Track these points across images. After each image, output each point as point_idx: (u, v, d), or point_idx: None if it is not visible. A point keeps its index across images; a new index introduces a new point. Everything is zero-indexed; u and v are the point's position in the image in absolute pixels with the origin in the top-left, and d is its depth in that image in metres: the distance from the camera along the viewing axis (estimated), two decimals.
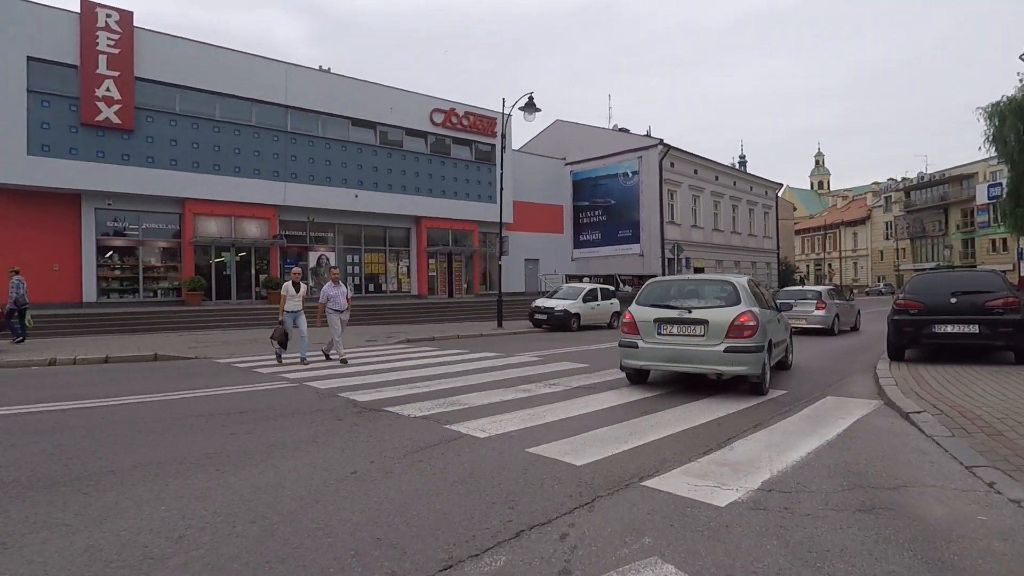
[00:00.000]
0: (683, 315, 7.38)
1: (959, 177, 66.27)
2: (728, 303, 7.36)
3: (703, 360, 7.21)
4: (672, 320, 7.44)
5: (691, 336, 7.29)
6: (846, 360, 11.12)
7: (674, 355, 7.37)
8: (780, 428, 5.56)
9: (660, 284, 8.30)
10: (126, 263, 21.20)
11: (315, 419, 5.84)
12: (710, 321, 7.19)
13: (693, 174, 34.67)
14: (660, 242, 31.36)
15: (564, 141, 35.52)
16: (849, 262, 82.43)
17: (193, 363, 10.63)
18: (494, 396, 7.15)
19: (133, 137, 20.28)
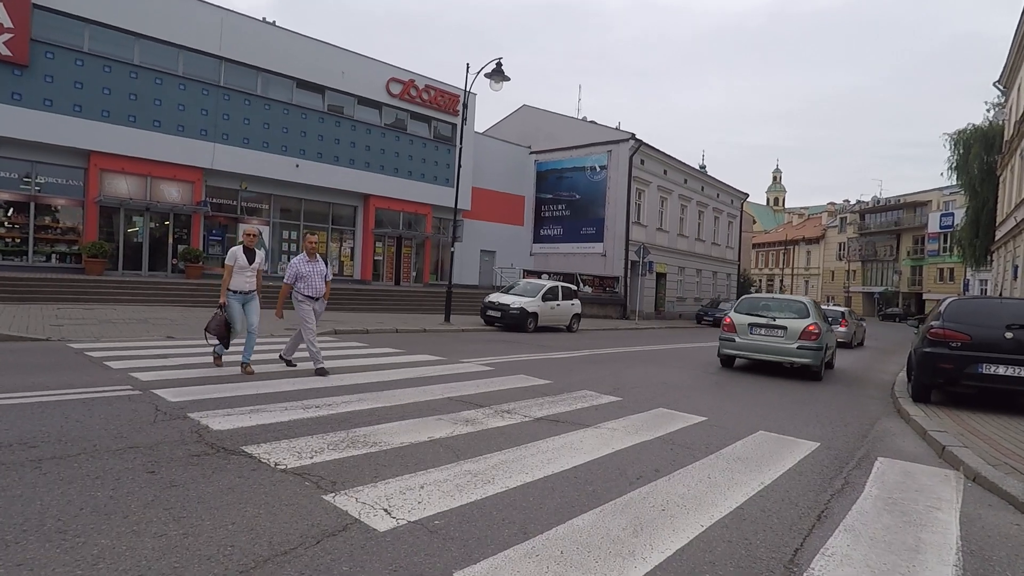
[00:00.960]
0: (769, 322, 10.68)
1: (913, 204, 67.42)
2: (801, 316, 10.66)
3: (781, 353, 10.52)
4: (761, 324, 10.74)
5: (774, 336, 10.62)
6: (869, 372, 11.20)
7: (760, 348, 10.72)
8: (863, 531, 3.57)
9: (752, 299, 11.84)
10: (14, 221, 17.98)
11: (113, 466, 3.54)
12: (788, 327, 10.47)
13: (663, 174, 33.09)
14: (625, 243, 29.60)
15: (531, 128, 33.33)
16: (801, 279, 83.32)
17: (32, 347, 8.01)
18: (421, 428, 4.98)
19: (27, 74, 17.10)
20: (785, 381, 10.25)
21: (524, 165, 32.96)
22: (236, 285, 7.12)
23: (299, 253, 7.69)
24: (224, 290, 7.05)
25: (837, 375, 11.89)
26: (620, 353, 13.00)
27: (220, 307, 7.05)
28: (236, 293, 7.12)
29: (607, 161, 30.37)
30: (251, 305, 7.28)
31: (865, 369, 13.65)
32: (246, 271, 7.17)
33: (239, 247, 7.21)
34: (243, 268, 7.13)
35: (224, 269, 7.14)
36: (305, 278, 7.56)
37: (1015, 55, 25.84)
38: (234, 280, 7.09)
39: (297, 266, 7.56)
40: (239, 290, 7.14)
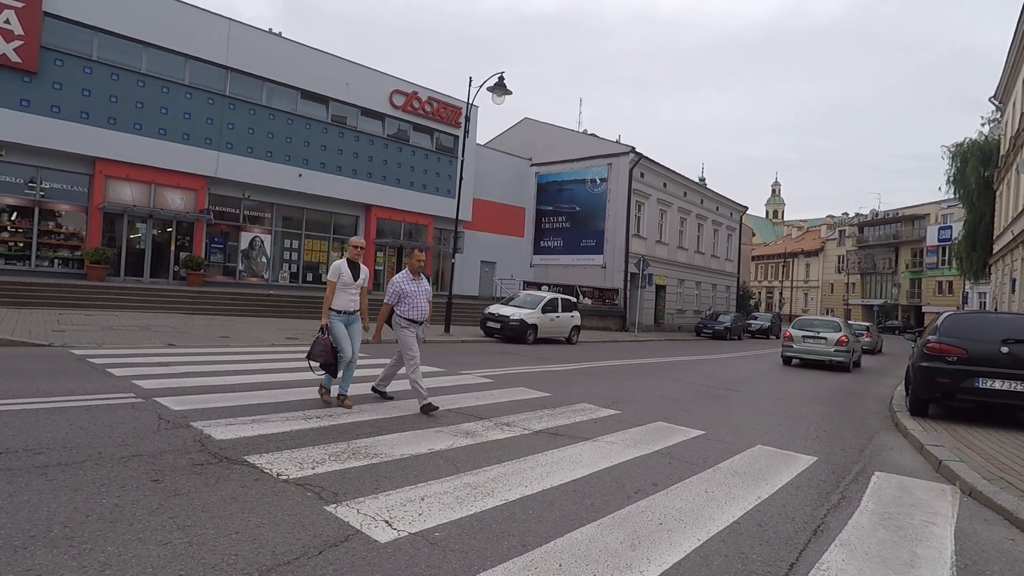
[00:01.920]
0: (815, 334, 16.20)
1: (912, 217, 67.65)
2: (836, 330, 16.27)
3: (823, 354, 15.92)
4: (810, 336, 16.21)
5: (818, 344, 16.00)
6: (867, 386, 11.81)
7: (810, 351, 16.12)
8: (858, 546, 3.62)
9: (803, 319, 17.92)
10: (18, 226, 18.07)
11: (118, 474, 3.59)
12: (828, 338, 15.99)
13: (662, 187, 33.25)
14: (624, 255, 29.70)
15: (532, 141, 33.54)
16: (800, 292, 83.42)
17: (35, 352, 8.06)
18: (421, 440, 5.02)
19: (36, 81, 17.27)
20: (785, 395, 10.30)
21: (525, 177, 33.13)
22: (339, 304, 6.15)
23: (404, 270, 6.66)
24: (326, 310, 6.13)
25: (835, 389, 11.92)
26: (619, 366, 13.04)
27: (322, 330, 6.08)
28: (339, 313, 6.17)
29: (607, 174, 30.53)
30: (354, 328, 6.33)
31: (861, 383, 13.69)
32: (350, 288, 6.21)
33: (343, 261, 6.24)
34: (347, 285, 6.17)
35: (327, 286, 6.17)
36: (409, 299, 6.45)
37: (1010, 71, 26.07)
38: (337, 298, 6.14)
39: (401, 285, 6.46)
40: (342, 310, 6.18)
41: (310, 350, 6.08)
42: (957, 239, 42.47)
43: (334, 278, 6.14)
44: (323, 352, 5.98)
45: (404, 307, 6.44)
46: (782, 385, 11.89)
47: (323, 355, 5.98)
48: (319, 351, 5.99)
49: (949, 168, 37.55)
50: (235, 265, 22.18)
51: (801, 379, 13.46)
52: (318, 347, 6.00)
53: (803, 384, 12.44)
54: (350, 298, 6.24)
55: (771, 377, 13.37)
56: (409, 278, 6.53)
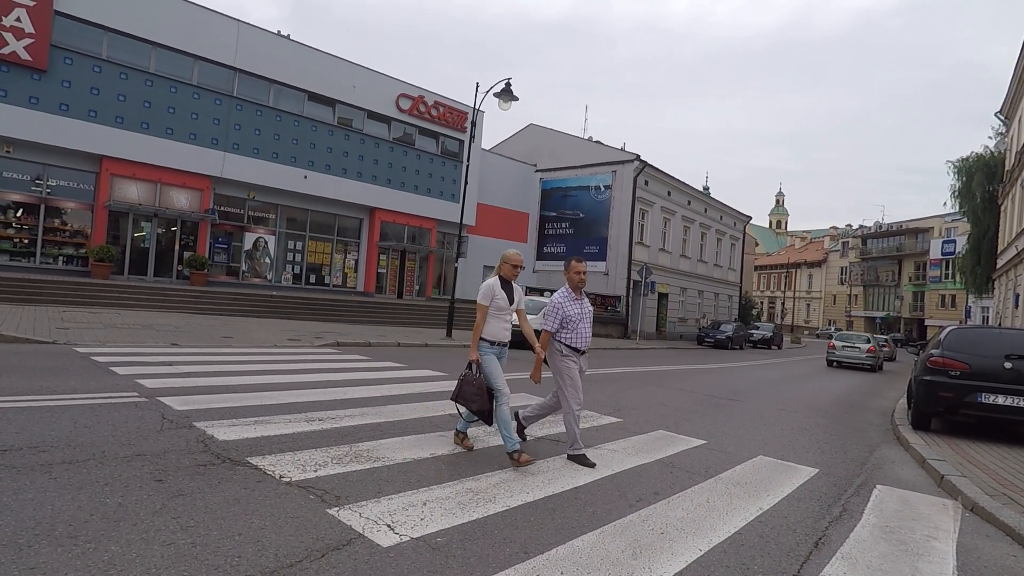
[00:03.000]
0: (852, 345, 23.62)
1: (915, 230, 67.55)
2: (866, 342, 23.70)
3: (857, 359, 23.01)
4: (848, 346, 23.60)
5: (854, 351, 23.29)
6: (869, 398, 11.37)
7: (848, 356, 23.22)
8: (860, 559, 3.61)
9: (843, 334, 26.43)
10: (23, 222, 18.14)
11: (122, 473, 3.60)
12: (860, 347, 23.36)
13: (666, 195, 33.28)
14: (628, 262, 29.71)
15: (536, 147, 33.62)
16: (802, 303, 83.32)
17: (39, 350, 8.09)
18: (423, 445, 5.03)
19: (45, 79, 17.36)
20: (787, 406, 10.28)
21: (529, 182, 33.19)
22: (493, 333, 4.98)
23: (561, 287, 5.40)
24: (475, 341, 4.94)
25: (836, 401, 11.89)
26: (621, 374, 13.03)
27: (471, 366, 4.94)
28: (492, 345, 4.98)
29: (611, 181, 30.58)
30: (503, 361, 5.13)
31: (863, 394, 13.67)
32: (505, 313, 5.04)
33: (495, 280, 5.06)
34: (502, 310, 5.00)
35: (477, 312, 4.97)
36: (573, 323, 5.19)
37: (1016, 87, 26.08)
38: (490, 326, 4.96)
39: (563, 306, 5.20)
40: (496, 340, 4.99)
41: (457, 391, 4.93)
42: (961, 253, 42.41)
43: (485, 301, 4.93)
44: (477, 395, 4.78)
45: (567, 333, 5.20)
46: (784, 396, 11.88)
47: (478, 399, 4.77)
48: (472, 394, 4.81)
49: (954, 182, 37.59)
50: (238, 265, 22.22)
51: (804, 390, 13.46)
52: (470, 389, 4.84)
53: (805, 395, 12.43)
54: (504, 325, 5.05)
55: (773, 387, 13.36)
56: (571, 297, 5.27)
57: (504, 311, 5.04)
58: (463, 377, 4.94)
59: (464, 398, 4.88)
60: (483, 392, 4.79)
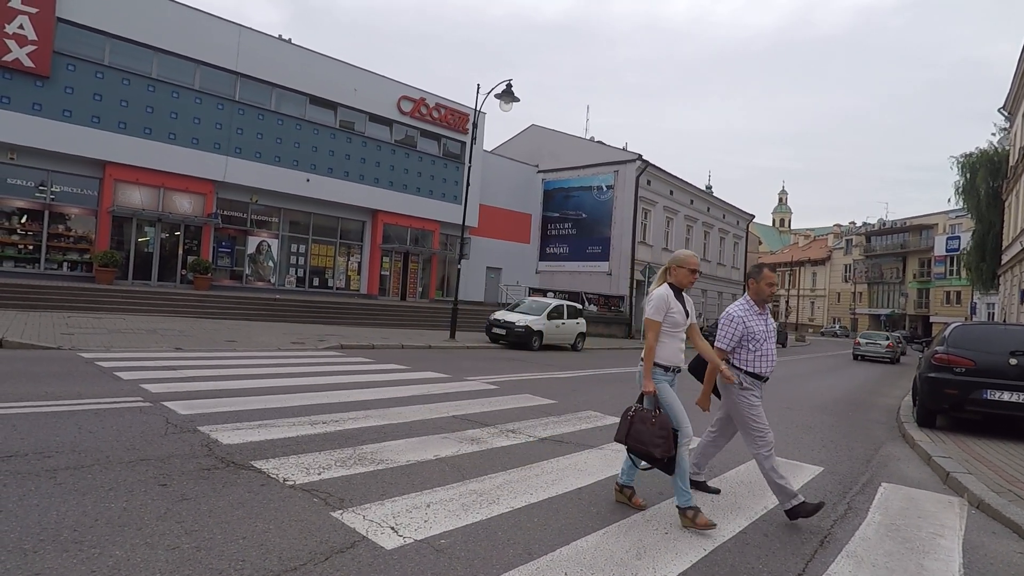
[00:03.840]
0: (873, 341, 28.75)
1: (919, 227, 67.34)
2: (886, 339, 28.85)
3: (879, 353, 27.96)
4: (870, 342, 28.70)
5: (875, 346, 28.35)
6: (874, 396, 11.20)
7: (870, 351, 28.10)
8: (865, 557, 3.60)
9: (866, 332, 32.06)
10: (28, 229, 18.22)
11: (127, 478, 3.61)
12: (880, 343, 28.41)
13: (669, 195, 33.26)
14: (631, 262, 29.69)
15: (538, 147, 33.64)
16: (807, 301, 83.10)
17: (44, 356, 8.12)
18: (427, 447, 5.03)
19: (48, 85, 17.44)
20: (792, 405, 10.25)
21: (531, 183, 33.20)
22: (668, 357, 3.89)
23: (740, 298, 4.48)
24: (649, 367, 3.84)
25: (842, 399, 11.86)
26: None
27: (645, 400, 3.92)
28: (667, 371, 3.90)
29: (613, 181, 30.57)
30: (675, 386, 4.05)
31: (867, 392, 13.62)
32: (680, 331, 3.95)
33: (666, 289, 3.96)
34: (677, 326, 3.91)
35: (645, 329, 3.89)
36: (757, 342, 4.18)
37: (1018, 83, 25.99)
38: (664, 348, 3.87)
39: (744, 320, 4.19)
40: (672, 365, 3.91)
41: (626, 432, 3.85)
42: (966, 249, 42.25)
43: (659, 316, 3.86)
44: (662, 438, 3.69)
45: (749, 354, 4.20)
46: (789, 394, 11.85)
47: (662, 442, 3.68)
48: (655, 436, 3.70)
49: (958, 179, 37.50)
50: (242, 269, 22.28)
51: (808, 388, 13.42)
52: (650, 430, 3.73)
53: (810, 393, 12.40)
54: (680, 346, 3.96)
55: (778, 386, 13.33)
56: (754, 310, 4.26)
57: (679, 328, 3.94)
58: (634, 415, 3.86)
59: (642, 442, 3.75)
60: (669, 434, 3.72)
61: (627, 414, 3.94)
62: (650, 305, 3.94)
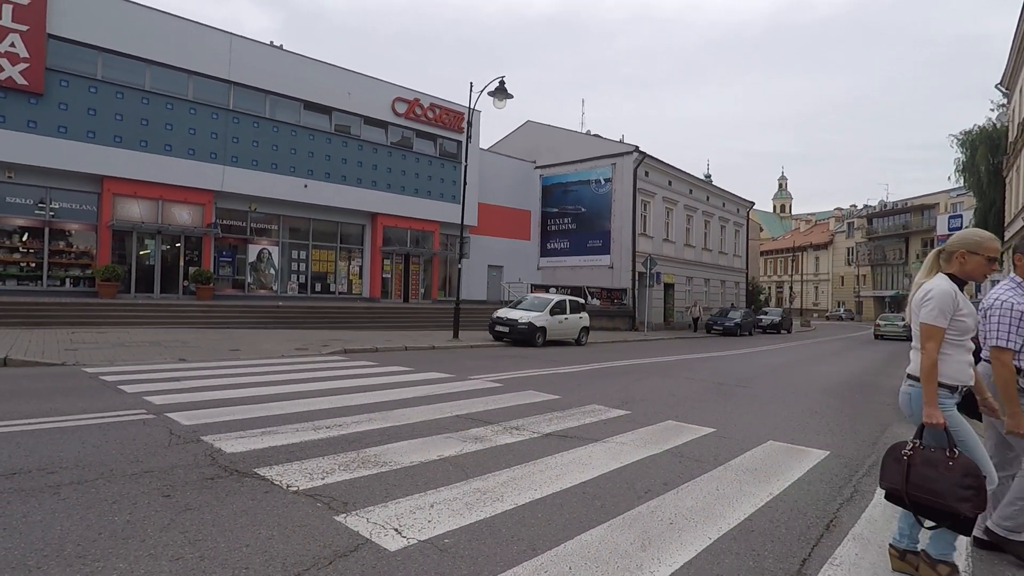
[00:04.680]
0: (891, 323, 32.63)
1: (921, 207, 67.03)
2: (902, 320, 28.71)
3: (896, 332, 31.08)
4: (888, 323, 32.89)
5: (893, 327, 31.84)
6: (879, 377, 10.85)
7: (889, 331, 32.09)
8: (872, 539, 3.59)
9: (884, 315, 35.91)
10: (29, 246, 18.28)
11: (130, 491, 3.62)
12: (897, 324, 31.51)
13: (667, 185, 33.20)
14: (632, 254, 29.65)
15: (535, 143, 33.62)
16: (810, 286, 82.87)
17: (48, 372, 8.15)
18: (430, 447, 5.03)
19: (42, 102, 17.48)
20: (797, 390, 10.23)
21: (529, 180, 33.18)
22: (955, 374, 2.94)
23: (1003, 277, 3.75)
24: (932, 389, 2.87)
25: (848, 382, 11.83)
26: (629, 366, 13.01)
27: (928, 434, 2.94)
28: (954, 392, 2.94)
29: (611, 174, 30.52)
30: None
31: (874, 374, 13.59)
32: (966, 339, 2.97)
33: (949, 283, 2.99)
34: (966, 333, 2.95)
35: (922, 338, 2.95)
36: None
37: (1015, 58, 25.85)
38: (947, 362, 2.94)
39: None
40: (960, 384, 2.95)
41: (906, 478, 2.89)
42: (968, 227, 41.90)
43: (944, 319, 2.91)
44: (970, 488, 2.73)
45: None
46: (795, 380, 11.82)
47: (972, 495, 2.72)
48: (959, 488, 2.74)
49: (959, 156, 37.34)
50: (244, 278, 22.32)
51: (814, 373, 13.39)
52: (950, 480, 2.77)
53: (816, 378, 12.37)
54: (968, 359, 2.98)
55: (782, 372, 13.31)
56: None
57: (967, 335, 2.96)
58: (912, 454, 2.90)
59: (936, 493, 2.78)
60: (980, 482, 2.73)
61: (900, 453, 2.96)
62: (930, 305, 2.92)
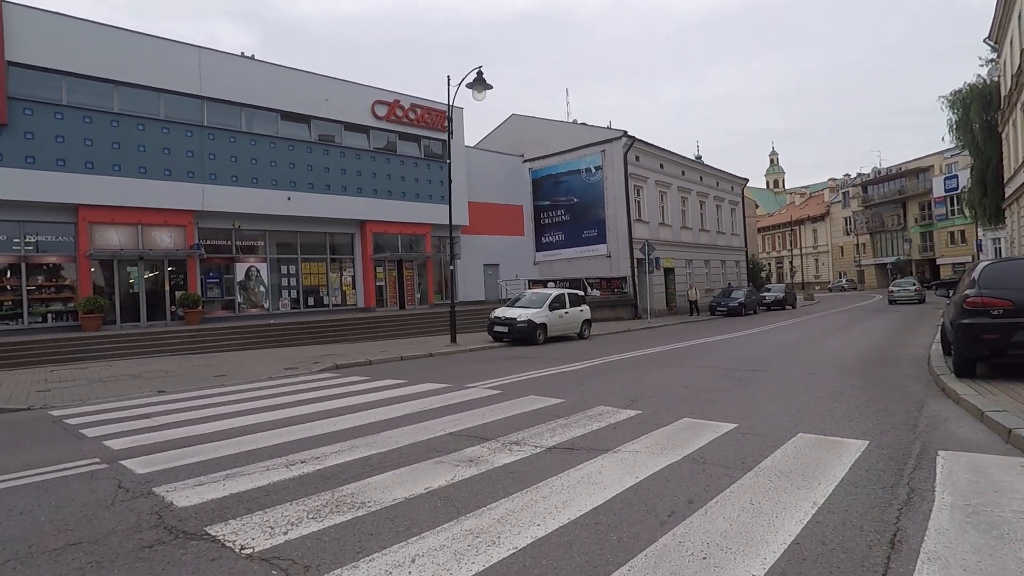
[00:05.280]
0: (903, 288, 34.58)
1: (915, 171, 66.32)
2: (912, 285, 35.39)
3: (908, 296, 33.51)
4: (901, 289, 34.49)
5: (906, 292, 33.97)
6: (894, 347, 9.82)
7: (902, 296, 33.69)
8: (951, 559, 2.96)
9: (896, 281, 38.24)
10: (6, 284, 17.64)
11: (47, 570, 2.99)
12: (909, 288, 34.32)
13: (659, 168, 32.53)
14: (628, 241, 28.98)
15: (521, 137, 32.91)
16: (810, 259, 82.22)
17: (9, 419, 7.48)
18: (418, 477, 4.39)
19: (7, 133, 16.81)
20: (815, 369, 9.60)
21: (519, 174, 32.51)
22: None
23: None
24: None
25: (866, 356, 11.21)
26: (635, 358, 12.39)
27: None
28: None
29: (601, 161, 29.85)
30: None
31: (889, 344, 12.96)
32: None
33: None
34: None
35: None
36: None
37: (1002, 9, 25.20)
38: None
39: None
40: None
41: None
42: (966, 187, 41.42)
43: None
44: None
45: None
46: (809, 358, 11.20)
47: None
48: None
49: (951, 116, 36.81)
50: (233, 298, 21.68)
51: (828, 349, 12.76)
52: None
53: (831, 354, 11.74)
54: None
55: (795, 350, 12.68)
56: None
57: None
58: None
59: None
60: None
61: None
62: None
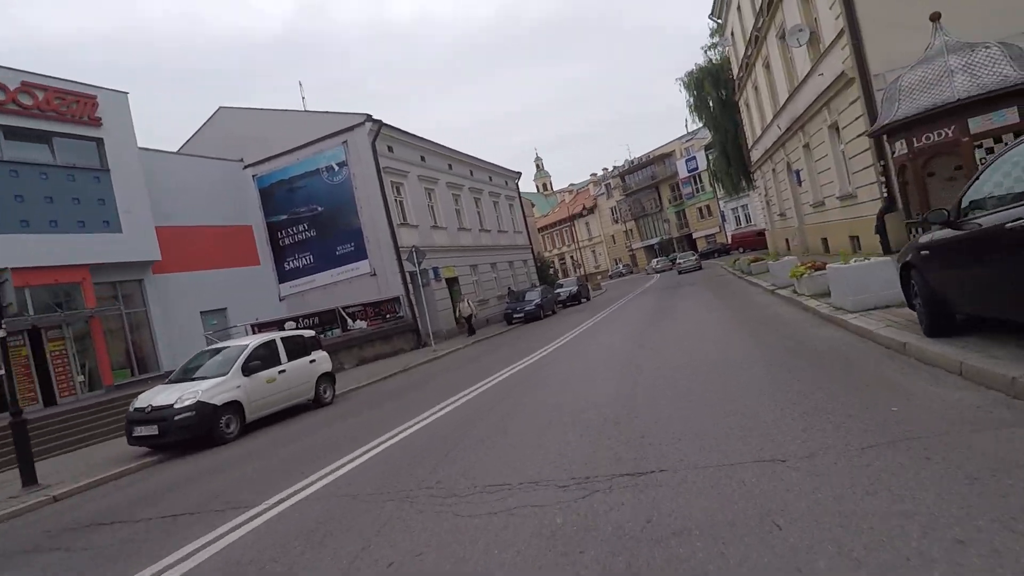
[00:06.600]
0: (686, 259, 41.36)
1: (661, 156, 71.13)
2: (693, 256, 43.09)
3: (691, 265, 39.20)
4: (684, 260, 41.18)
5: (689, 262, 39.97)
6: None
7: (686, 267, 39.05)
8: None
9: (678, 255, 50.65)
10: None
11: None
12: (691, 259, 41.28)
13: (421, 161, 27.11)
14: (394, 251, 22.92)
15: (236, 135, 24.82)
16: (588, 251, 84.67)
17: None
18: None
19: None
20: (699, 389, 4.41)
21: (240, 184, 24.66)
22: None
23: None
24: None
25: (746, 349, 6.48)
26: (410, 433, 6.28)
27: None
28: None
29: (345, 156, 23.47)
30: None
31: (746, 318, 8.65)
32: None
33: None
34: None
35: None
36: None
37: None
38: None
39: None
40: None
41: None
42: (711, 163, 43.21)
43: None
44: None
45: None
46: (670, 373, 6.12)
47: None
48: None
49: (688, 98, 37.87)
50: None
51: (683, 350, 7.89)
52: None
53: (699, 358, 6.80)
54: None
55: (638, 358, 7.62)
56: None
57: None
58: None
59: None
60: None
61: None
62: None
